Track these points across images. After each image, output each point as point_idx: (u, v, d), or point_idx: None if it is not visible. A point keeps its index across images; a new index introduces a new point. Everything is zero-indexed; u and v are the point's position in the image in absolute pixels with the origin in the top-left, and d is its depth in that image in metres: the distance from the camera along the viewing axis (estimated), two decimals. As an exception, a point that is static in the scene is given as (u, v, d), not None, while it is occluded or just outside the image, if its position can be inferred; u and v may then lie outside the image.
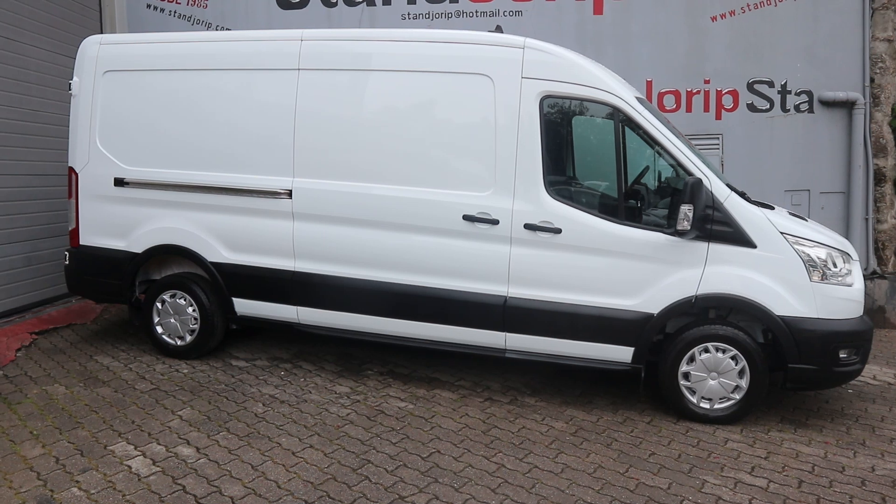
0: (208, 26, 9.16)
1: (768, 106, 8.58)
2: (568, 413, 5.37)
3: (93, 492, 4.01)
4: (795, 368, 5.07)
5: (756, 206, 5.22)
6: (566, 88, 5.32)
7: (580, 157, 6.43)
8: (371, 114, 5.69)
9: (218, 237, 6.01)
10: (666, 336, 5.34)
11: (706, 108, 8.62)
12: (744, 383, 5.13)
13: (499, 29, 5.94)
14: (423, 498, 4.05)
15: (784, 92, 8.56)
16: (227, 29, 8.89)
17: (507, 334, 5.41)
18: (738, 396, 5.17)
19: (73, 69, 6.46)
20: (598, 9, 8.64)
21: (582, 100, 5.50)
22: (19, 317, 7.22)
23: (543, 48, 5.38)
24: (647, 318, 5.18)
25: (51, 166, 7.69)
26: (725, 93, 8.59)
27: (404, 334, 5.67)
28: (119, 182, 6.22)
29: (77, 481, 4.12)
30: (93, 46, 6.38)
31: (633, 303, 5.20)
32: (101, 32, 8.50)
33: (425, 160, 5.54)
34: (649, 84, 8.61)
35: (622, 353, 5.26)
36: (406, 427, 5.00)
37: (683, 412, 5.27)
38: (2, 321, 7.00)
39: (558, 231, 5.24)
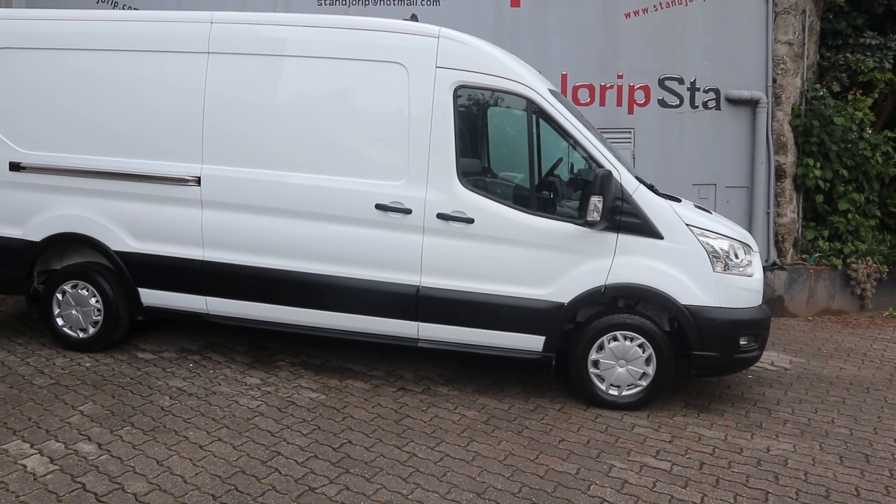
0: (114, 5, 8.79)
1: (678, 102, 8.87)
2: (480, 401, 5.42)
3: (-19, 495, 3.81)
4: (699, 355, 5.27)
5: (663, 199, 5.38)
6: (480, 79, 5.35)
7: (495, 147, 6.48)
8: (284, 100, 5.59)
9: (122, 225, 5.79)
10: (576, 325, 5.45)
11: (619, 103, 8.84)
12: (650, 370, 5.29)
13: (414, 17, 5.91)
14: (334, 489, 4.02)
15: (693, 89, 8.86)
16: (133, 8, 8.55)
17: (420, 324, 5.42)
18: (644, 383, 5.33)
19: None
20: (515, 1, 8.73)
21: (496, 91, 5.54)
22: None
23: (458, 38, 5.38)
24: (558, 307, 5.27)
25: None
26: (637, 88, 8.83)
27: (316, 324, 5.60)
28: (14, 166, 5.90)
29: (-36, 484, 3.91)
30: (-16, 22, 6.04)
31: (545, 292, 5.29)
32: (-3, 8, 8.05)
33: (339, 148, 5.48)
34: (564, 77, 8.76)
35: (534, 342, 5.34)
36: (317, 418, 4.94)
37: (593, 399, 5.40)
38: None
39: (471, 221, 5.27)
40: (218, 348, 6.26)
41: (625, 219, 5.21)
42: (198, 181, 5.59)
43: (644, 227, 5.22)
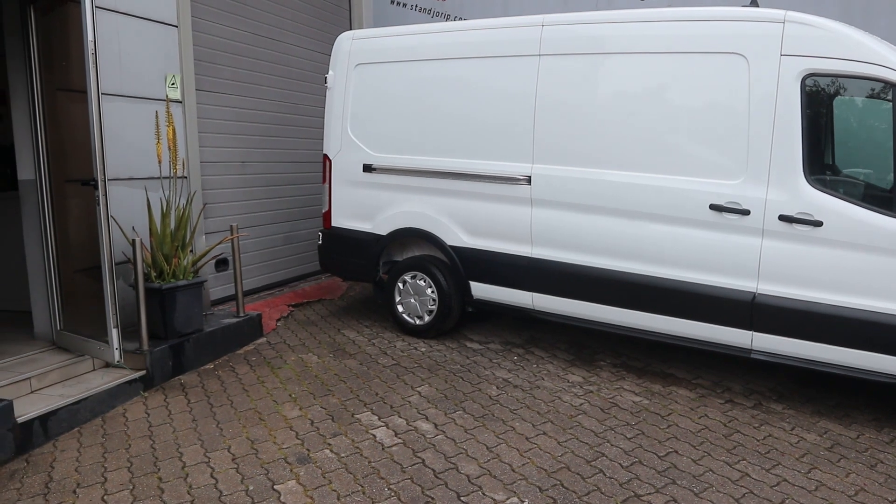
0: (447, 18, 9.46)
1: None
2: (821, 425, 4.88)
3: (343, 455, 4.30)
4: None
5: None
6: (834, 65, 4.78)
7: (845, 141, 5.77)
8: (612, 99, 5.51)
9: (457, 222, 6.20)
10: (950, 349, 4.64)
11: None
12: None
13: (754, 3, 5.48)
14: (661, 499, 3.89)
15: None
16: (464, 19, 9.11)
17: (755, 333, 5.02)
18: None
19: (327, 64, 6.96)
20: (868, -25, 7.72)
21: (853, 77, 4.86)
22: (279, 290, 8.00)
23: (808, 21, 4.86)
24: (929, 326, 4.53)
25: (308, 154, 8.41)
26: None
27: (640, 326, 5.48)
28: (367, 168, 6.62)
29: (329, 444, 4.45)
30: (346, 41, 6.82)
31: (911, 308, 4.58)
32: (351, 29, 9.10)
33: (668, 146, 5.28)
34: (930, 57, 7.51)
35: (894, 365, 4.66)
36: (641, 423, 4.84)
37: (970, 437, 4.58)
38: (265, 293, 7.80)
39: (819, 224, 4.75)
40: (540, 343, 6.44)
41: None
42: (528, 180, 5.76)
43: None
